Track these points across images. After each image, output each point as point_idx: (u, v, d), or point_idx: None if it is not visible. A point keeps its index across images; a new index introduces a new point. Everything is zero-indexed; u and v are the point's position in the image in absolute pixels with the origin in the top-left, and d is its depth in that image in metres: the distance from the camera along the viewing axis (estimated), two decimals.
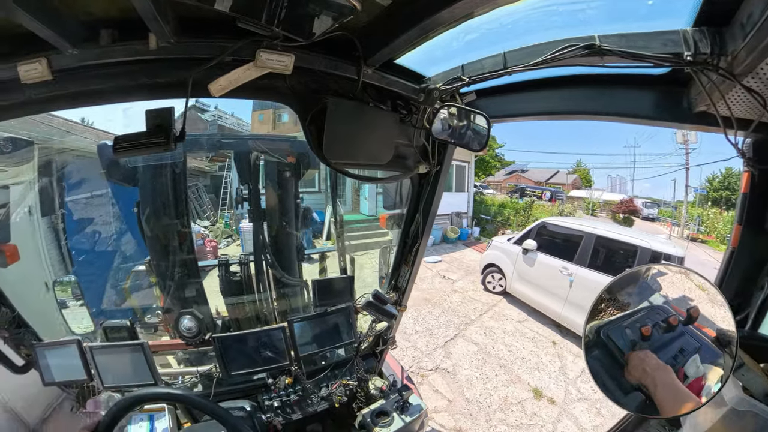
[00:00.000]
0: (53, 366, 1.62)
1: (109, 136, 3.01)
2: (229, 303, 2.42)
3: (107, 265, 3.43)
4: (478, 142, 1.35)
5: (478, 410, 4.74)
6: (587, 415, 4.73)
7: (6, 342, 1.64)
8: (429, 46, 1.11)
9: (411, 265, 2.02)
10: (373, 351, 2.34)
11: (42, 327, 1.76)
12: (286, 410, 1.91)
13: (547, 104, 1.24)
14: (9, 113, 1.17)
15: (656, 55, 0.87)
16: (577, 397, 5.07)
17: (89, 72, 1.06)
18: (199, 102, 18.58)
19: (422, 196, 1.82)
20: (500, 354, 6.07)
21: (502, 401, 4.93)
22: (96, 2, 0.94)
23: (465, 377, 5.41)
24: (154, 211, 2.09)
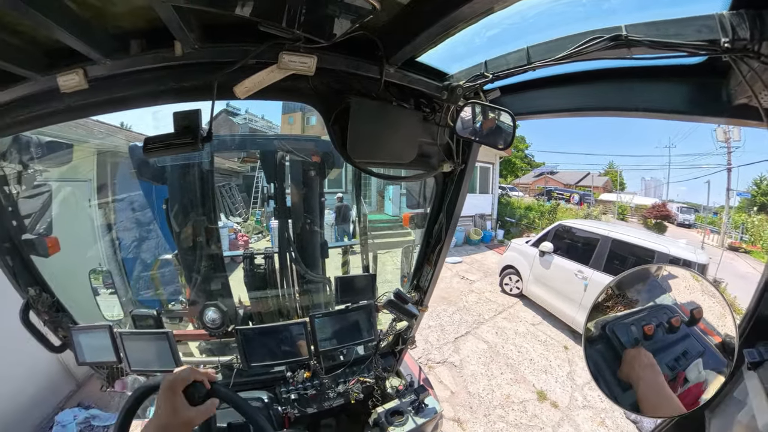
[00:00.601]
0: (86, 347, 1.77)
1: (140, 137, 3.22)
2: (253, 296, 2.49)
3: (138, 258, 3.67)
4: (503, 140, 1.32)
5: (478, 404, 4.82)
6: (590, 424, 4.62)
7: (45, 324, 1.79)
8: (451, 43, 1.10)
9: (433, 266, 2.01)
10: (392, 350, 2.34)
11: (78, 312, 1.90)
12: (303, 403, 1.95)
13: (573, 100, 1.19)
14: (50, 120, 1.29)
15: (689, 44, 0.81)
16: (583, 404, 4.97)
17: (121, 79, 1.14)
18: (229, 106, 19.45)
19: (446, 196, 1.80)
20: (509, 354, 6.07)
21: (504, 399, 4.96)
22: (125, 16, 1.01)
23: (471, 372, 5.50)
24: (182, 207, 2.19)
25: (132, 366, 1.77)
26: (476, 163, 5.26)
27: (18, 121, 1.31)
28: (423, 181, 2.44)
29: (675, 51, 0.82)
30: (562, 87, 1.18)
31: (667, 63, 0.90)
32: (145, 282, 3.11)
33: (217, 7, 0.84)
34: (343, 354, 2.29)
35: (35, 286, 1.72)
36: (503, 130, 1.31)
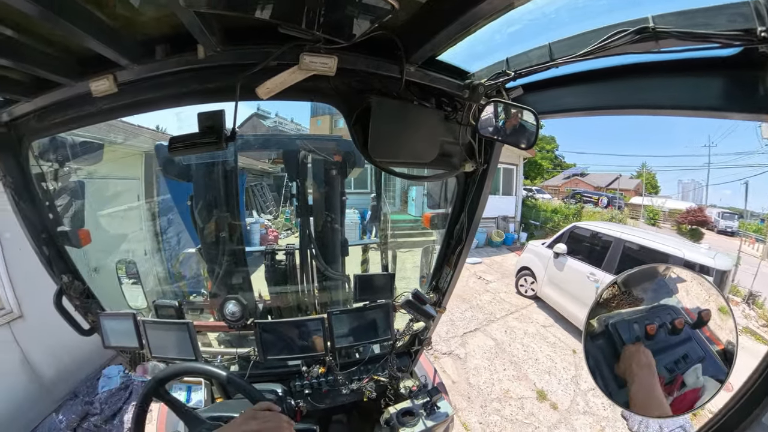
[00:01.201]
0: (112, 333, 1.89)
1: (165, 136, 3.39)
2: (273, 291, 2.55)
3: (164, 251, 3.88)
4: (526, 140, 1.29)
5: (477, 395, 4.93)
6: (589, 430, 4.52)
7: (76, 309, 1.92)
8: (471, 40, 1.09)
9: (453, 267, 1.98)
10: (408, 350, 2.33)
11: (105, 299, 2.02)
12: (316, 398, 1.98)
13: (598, 98, 1.14)
14: (84, 122, 1.40)
15: (722, 34, 0.74)
16: (584, 410, 4.86)
17: (148, 83, 1.20)
18: (260, 110, 20.26)
19: (468, 196, 1.77)
20: (515, 352, 6.09)
21: (503, 393, 5.03)
22: (150, 23, 1.07)
23: (474, 365, 5.63)
24: (206, 204, 2.27)
25: (153, 352, 1.85)
26: (499, 165, 5.14)
27: (54, 124, 1.42)
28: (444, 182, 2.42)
29: (706, 42, 0.77)
30: (587, 84, 1.13)
31: (698, 56, 0.84)
32: (169, 274, 3.28)
33: (237, 11, 0.86)
34: (359, 352, 2.31)
35: (68, 274, 1.85)
36: (526, 129, 1.28)
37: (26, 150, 1.57)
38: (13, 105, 1.40)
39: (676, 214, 23.46)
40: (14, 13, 0.86)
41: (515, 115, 1.29)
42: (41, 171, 1.68)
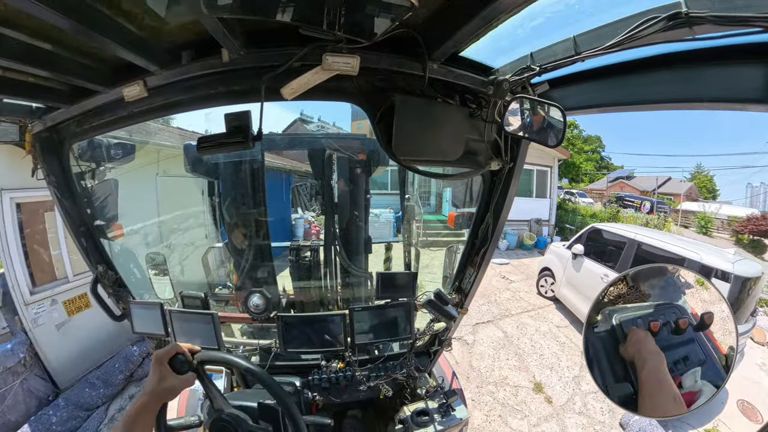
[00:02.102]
0: (140, 320, 2.02)
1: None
2: (296, 285, 2.61)
3: (190, 245, 4.09)
4: (554, 137, 1.23)
5: (476, 377, 5.20)
6: (579, 431, 4.41)
7: (110, 296, 2.08)
8: (494, 35, 1.06)
9: (477, 268, 1.94)
10: (427, 350, 2.31)
11: (135, 288, 2.17)
12: (333, 392, 2.00)
13: (628, 93, 1.07)
14: (118, 125, 1.51)
15: (764, 16, 0.68)
16: (579, 410, 4.78)
17: (176, 86, 1.28)
18: (303, 114, 21.24)
19: (493, 195, 1.73)
20: (521, 346, 6.22)
21: (501, 379, 5.22)
22: (176, 31, 1.13)
23: (479, 351, 5.90)
24: (233, 201, 2.37)
25: (177, 340, 1.92)
26: (532, 166, 4.98)
27: (92, 127, 1.56)
28: (470, 181, 2.37)
29: (746, 26, 0.70)
30: (616, 78, 1.06)
31: (738, 42, 0.76)
32: (197, 267, 3.44)
33: (259, 15, 0.89)
34: (378, 349, 2.32)
35: (103, 264, 2.01)
36: (553, 126, 1.23)
37: (67, 151, 1.72)
38: (55, 111, 1.55)
39: (734, 222, 20.90)
40: (53, 29, 0.95)
41: (542, 111, 1.24)
42: (80, 170, 1.85)
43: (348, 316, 1.95)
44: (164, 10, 0.98)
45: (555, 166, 14.71)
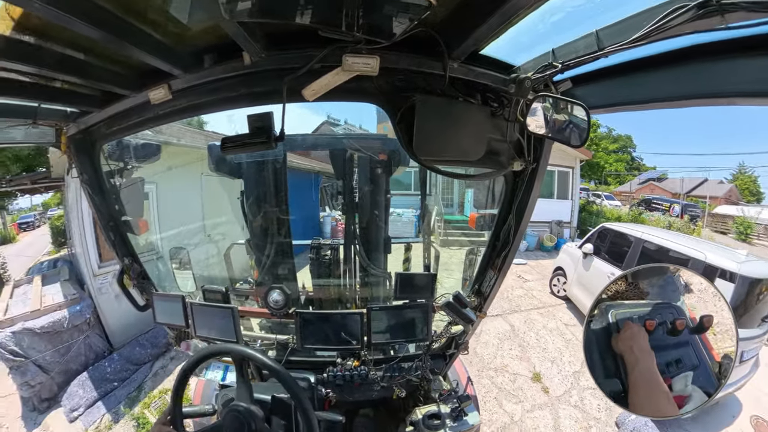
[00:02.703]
0: (162, 311, 2.10)
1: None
2: (315, 283, 2.64)
3: (216, 241, 4.23)
4: (578, 136, 1.19)
5: (477, 362, 5.49)
6: (571, 423, 4.49)
7: (134, 287, 2.21)
8: (514, 32, 1.04)
9: (498, 271, 1.90)
10: (443, 353, 2.29)
11: (158, 281, 2.30)
12: (347, 390, 2.01)
13: (655, 88, 1.01)
14: (144, 126, 1.61)
15: None
16: (575, 403, 4.88)
17: (199, 89, 1.33)
18: (330, 117, 21.87)
19: (516, 196, 1.69)
20: (526, 338, 6.39)
21: (501, 366, 5.48)
22: (198, 35, 1.18)
23: (484, 340, 6.17)
24: (256, 200, 2.43)
25: (197, 332, 2.02)
26: (554, 167, 4.85)
27: (120, 129, 1.66)
28: (492, 181, 2.34)
29: None
30: (642, 73, 1.00)
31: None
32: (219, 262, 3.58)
33: (278, 18, 0.91)
34: (394, 349, 2.31)
35: (128, 257, 2.12)
36: (577, 125, 1.19)
37: (98, 152, 1.84)
38: (87, 115, 1.67)
39: None
40: (85, 39, 1.03)
41: (565, 110, 1.20)
42: (110, 169, 1.97)
43: (365, 315, 1.95)
44: (186, 16, 1.03)
45: (577, 167, 14.51)
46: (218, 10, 0.83)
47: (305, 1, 0.89)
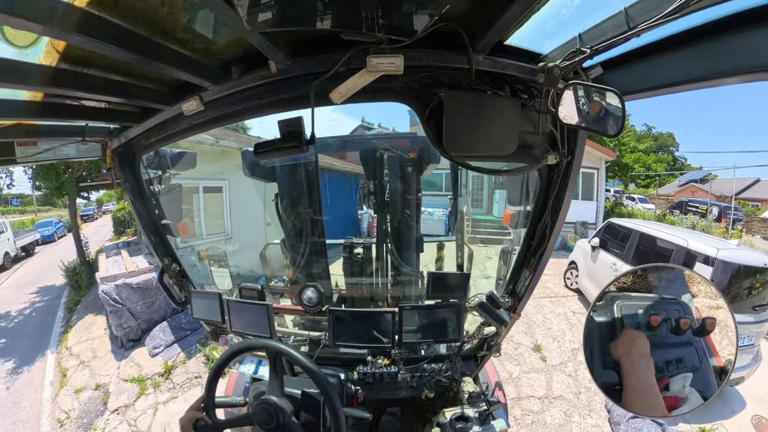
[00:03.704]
0: (200, 307, 2.24)
1: None
2: (348, 281, 2.69)
3: (252, 242, 4.48)
4: (613, 125, 1.11)
5: None
6: (563, 387, 5.12)
7: (174, 285, 2.37)
8: (538, 19, 0.99)
9: (533, 270, 1.83)
10: (475, 354, 2.23)
11: (197, 279, 2.46)
12: (375, 388, 2.01)
13: (695, 66, 0.90)
14: (179, 136, 1.73)
15: None
16: (569, 372, 5.44)
17: (229, 99, 1.41)
18: (365, 121, 22.51)
19: (551, 192, 1.62)
20: (533, 318, 6.91)
21: (507, 337, 5.24)
22: (224, 48, 1.25)
23: None
24: (291, 202, 2.52)
25: (232, 328, 2.13)
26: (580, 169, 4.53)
27: (158, 140, 1.81)
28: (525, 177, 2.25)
29: None
30: (679, 50, 0.91)
31: None
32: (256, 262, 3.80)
33: (298, 26, 0.94)
34: (425, 349, 2.29)
35: (168, 258, 2.28)
36: (611, 113, 1.10)
37: (138, 162, 2.02)
38: (128, 129, 1.82)
39: None
40: (122, 63, 1.14)
41: (597, 97, 1.13)
42: (149, 177, 2.14)
43: (397, 314, 1.96)
44: (211, 32, 1.09)
45: (602, 167, 14.61)
46: (240, 23, 0.87)
47: (324, 7, 0.91)
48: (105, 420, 5.17)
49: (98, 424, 5.10)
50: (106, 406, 5.47)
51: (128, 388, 5.71)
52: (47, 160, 1.78)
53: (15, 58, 1.07)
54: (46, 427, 5.21)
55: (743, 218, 20.88)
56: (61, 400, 5.76)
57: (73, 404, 5.59)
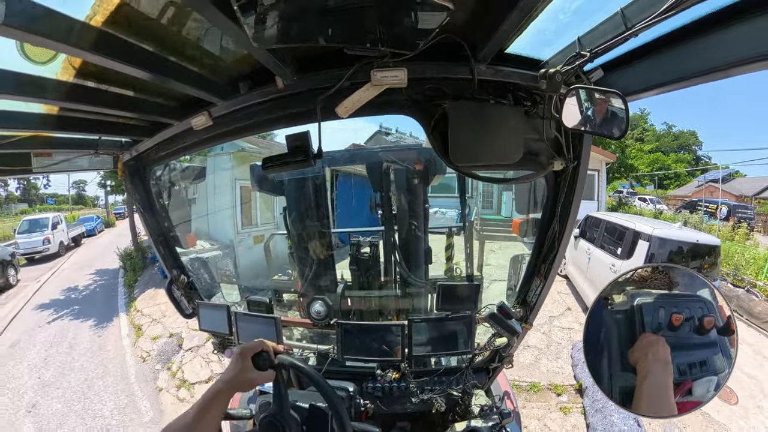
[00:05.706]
0: (208, 319, 2.24)
1: None
2: (356, 294, 2.68)
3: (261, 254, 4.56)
4: (617, 127, 1.11)
5: None
6: (537, 341, 6.40)
7: (182, 296, 2.37)
8: (536, 26, 1.01)
9: (544, 278, 1.79)
10: (486, 366, 2.17)
11: (205, 291, 2.47)
12: (385, 402, 1.97)
13: (697, 61, 0.89)
14: (188, 150, 1.78)
15: None
16: (545, 331, 6.74)
17: (237, 114, 1.44)
18: (383, 127, 23.24)
19: (559, 199, 1.61)
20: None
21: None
22: (232, 65, 1.29)
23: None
24: (298, 215, 2.55)
25: (240, 340, 2.12)
26: None
27: (167, 154, 1.85)
28: (532, 185, 2.24)
29: None
30: (678, 47, 0.92)
31: None
32: (264, 274, 3.79)
33: (303, 42, 0.96)
34: (435, 362, 2.22)
35: (177, 269, 2.30)
36: (616, 115, 1.10)
37: (148, 175, 2.07)
38: (138, 144, 1.88)
39: None
40: (134, 79, 1.17)
41: (601, 100, 1.13)
42: (158, 189, 2.19)
43: (407, 327, 1.93)
44: (219, 49, 1.13)
45: (603, 169, 15.63)
46: (247, 40, 0.90)
47: (327, 23, 0.93)
48: (181, 356, 6.58)
49: (175, 359, 6.51)
50: (180, 347, 6.87)
51: (198, 335, 6.87)
52: (61, 170, 1.84)
53: (34, 73, 1.13)
54: (131, 362, 6.61)
55: (753, 217, 20.30)
56: (140, 344, 7.24)
57: (152, 347, 7.06)
